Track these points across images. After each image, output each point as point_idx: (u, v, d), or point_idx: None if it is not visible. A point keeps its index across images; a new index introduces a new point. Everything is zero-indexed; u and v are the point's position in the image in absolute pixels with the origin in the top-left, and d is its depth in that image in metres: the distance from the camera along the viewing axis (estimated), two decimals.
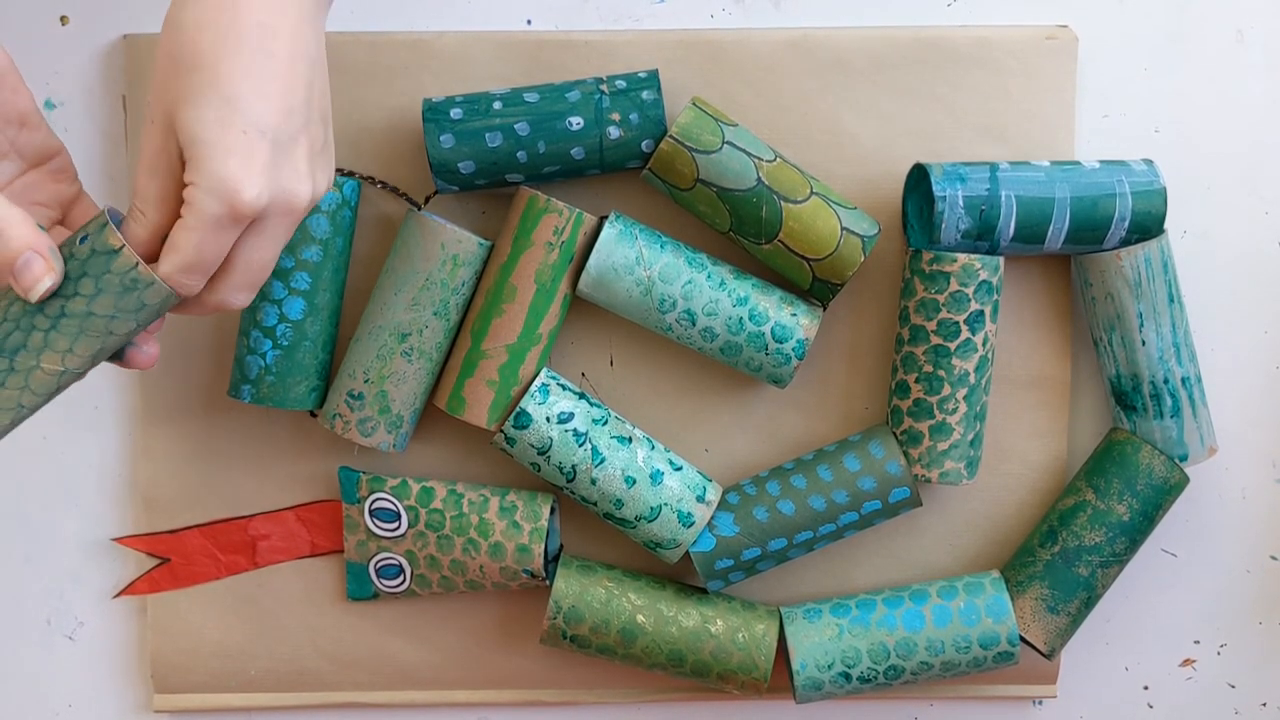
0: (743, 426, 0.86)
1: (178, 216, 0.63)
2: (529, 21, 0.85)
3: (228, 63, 0.62)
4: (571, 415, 0.81)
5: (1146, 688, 0.91)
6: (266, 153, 0.62)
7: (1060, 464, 0.87)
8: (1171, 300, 0.82)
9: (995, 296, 0.81)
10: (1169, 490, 0.83)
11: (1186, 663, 0.91)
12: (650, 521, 0.81)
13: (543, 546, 0.82)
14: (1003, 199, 0.80)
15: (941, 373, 0.81)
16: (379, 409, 0.81)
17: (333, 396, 0.82)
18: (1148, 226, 0.81)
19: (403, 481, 0.84)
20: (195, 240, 0.62)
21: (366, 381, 0.80)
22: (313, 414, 0.84)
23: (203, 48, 0.62)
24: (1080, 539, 0.83)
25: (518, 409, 0.80)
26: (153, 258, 0.65)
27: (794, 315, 0.81)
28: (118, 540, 0.86)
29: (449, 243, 0.79)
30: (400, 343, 0.80)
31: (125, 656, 0.88)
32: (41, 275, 0.63)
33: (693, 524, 0.81)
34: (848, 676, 0.83)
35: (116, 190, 0.84)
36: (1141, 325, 0.82)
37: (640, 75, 0.81)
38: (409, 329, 0.80)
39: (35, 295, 0.63)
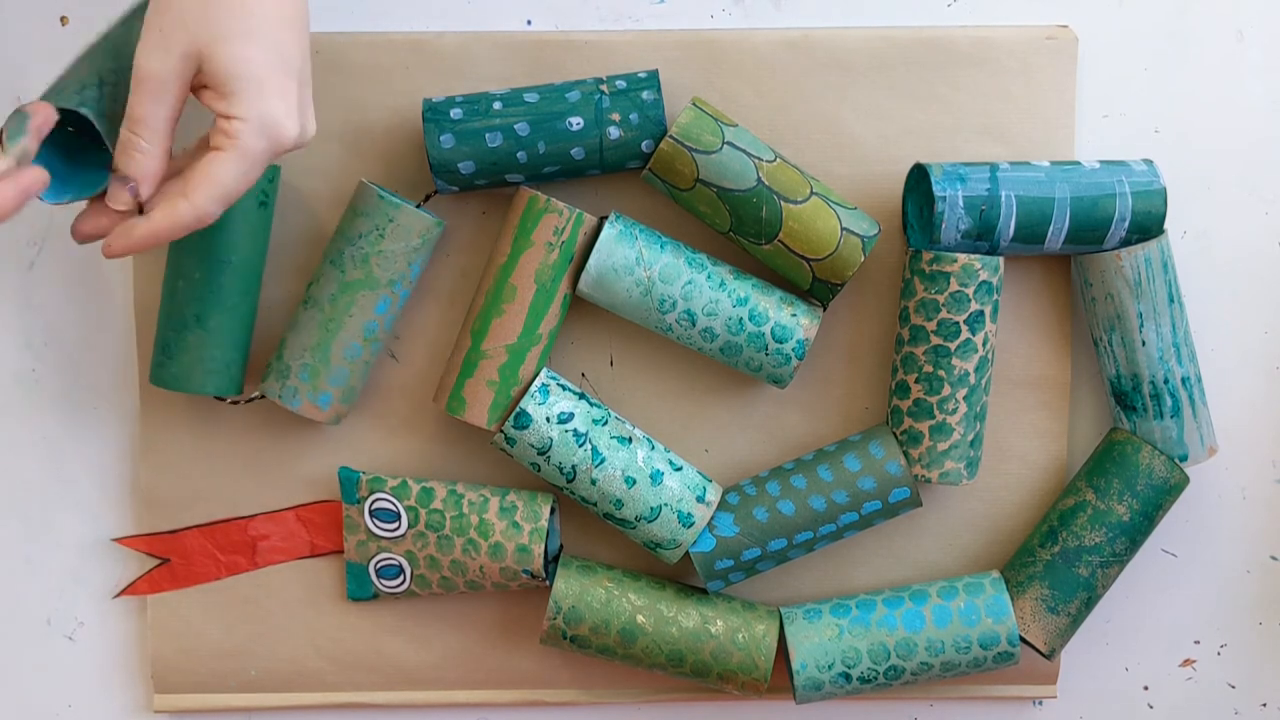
0: (743, 426, 0.86)
1: (171, 137, 0.67)
2: (529, 21, 0.85)
3: (262, 6, 0.66)
4: (571, 415, 0.81)
5: (1146, 688, 0.91)
6: (295, 93, 0.67)
7: (1060, 464, 0.87)
8: (1171, 300, 0.82)
9: (995, 296, 0.81)
10: (1169, 490, 0.83)
11: (1186, 663, 0.91)
12: (650, 522, 0.81)
13: (543, 547, 0.82)
14: (1003, 199, 0.80)
15: (941, 373, 0.81)
16: (279, 359, 0.81)
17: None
18: (1148, 226, 0.81)
19: (403, 482, 0.84)
20: (237, 173, 0.66)
21: (281, 342, 0.82)
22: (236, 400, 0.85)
23: None
24: (1080, 539, 0.83)
25: (518, 409, 0.80)
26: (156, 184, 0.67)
27: (794, 315, 0.81)
28: (118, 540, 0.86)
29: (355, 194, 0.80)
30: (306, 291, 0.82)
31: (125, 656, 0.88)
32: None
33: (693, 524, 0.81)
34: (848, 677, 0.83)
35: None
36: (1141, 325, 0.82)
37: (640, 75, 0.81)
38: (313, 279, 0.81)
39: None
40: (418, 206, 0.82)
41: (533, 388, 0.81)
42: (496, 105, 0.80)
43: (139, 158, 0.67)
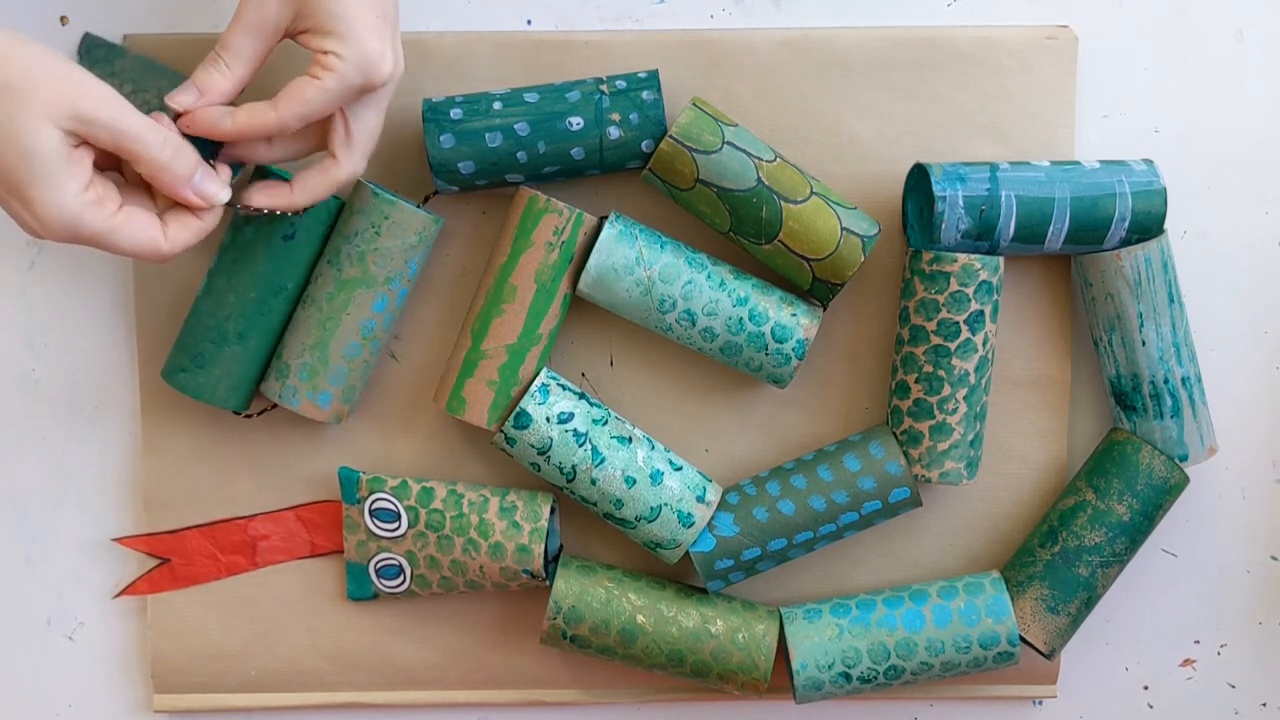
0: (743, 426, 0.86)
1: (253, 74, 0.72)
2: (529, 21, 0.85)
3: None
4: (571, 415, 0.81)
5: (1146, 688, 0.91)
6: (389, 32, 0.71)
7: (1060, 464, 0.87)
8: (1171, 300, 0.82)
9: (995, 296, 0.81)
10: (1169, 490, 0.83)
11: (1186, 663, 0.91)
12: (650, 522, 0.81)
13: (543, 547, 0.82)
14: (1003, 199, 0.80)
15: (941, 373, 0.81)
16: (278, 359, 0.81)
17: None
18: (1148, 226, 0.81)
19: (403, 482, 0.84)
20: (325, 100, 0.71)
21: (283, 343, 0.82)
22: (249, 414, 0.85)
23: None
24: (1080, 539, 0.83)
25: (518, 409, 0.80)
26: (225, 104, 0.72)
27: (794, 315, 0.81)
28: (118, 540, 0.86)
29: (351, 193, 0.81)
30: (304, 291, 0.82)
31: (125, 656, 0.88)
32: (221, 185, 0.72)
33: (693, 524, 0.81)
34: (848, 676, 0.83)
35: None
36: (1141, 325, 0.82)
37: (640, 75, 0.81)
38: (311, 278, 0.81)
39: (221, 201, 0.72)
40: (418, 206, 0.82)
41: (533, 388, 0.81)
42: (496, 105, 0.80)
43: (214, 74, 0.71)
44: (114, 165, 0.72)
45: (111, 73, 0.80)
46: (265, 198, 0.75)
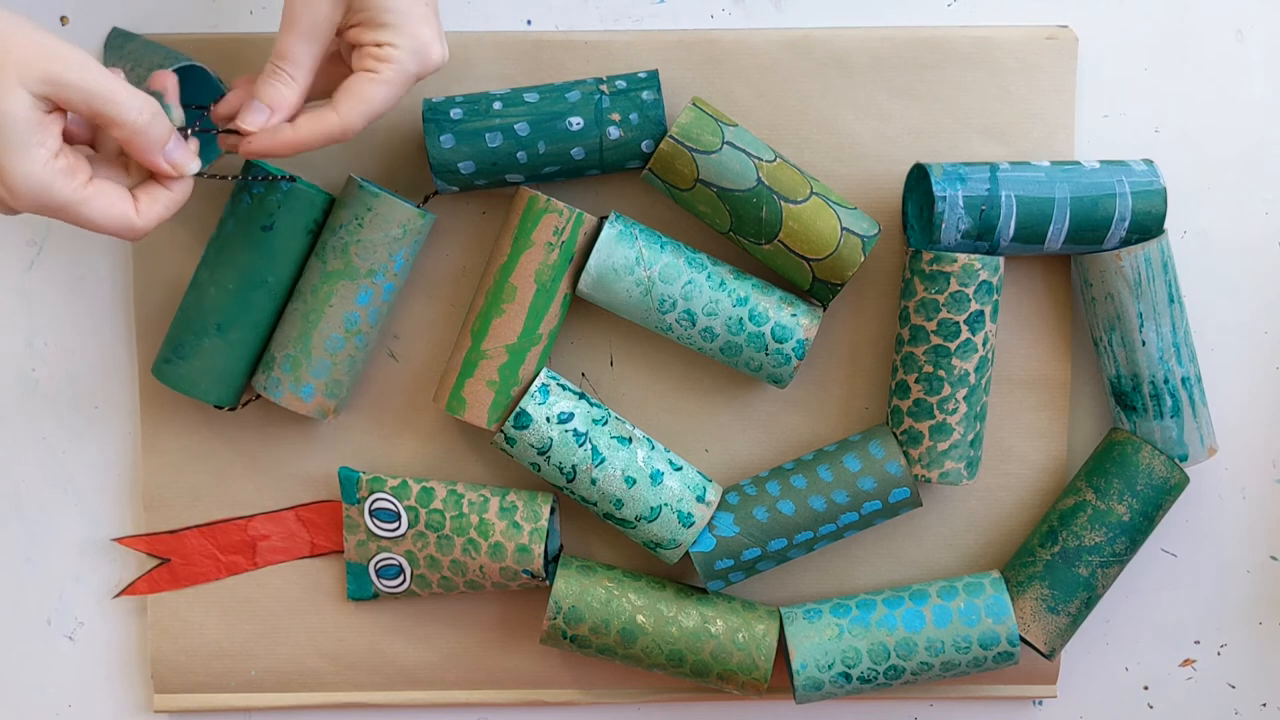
0: (743, 426, 0.86)
1: (312, 80, 0.72)
2: (529, 21, 0.85)
3: None
4: (571, 415, 0.81)
5: (1146, 688, 0.91)
6: (435, 18, 0.72)
7: (1060, 464, 0.87)
8: (1171, 300, 0.82)
9: (995, 296, 0.81)
10: (1169, 490, 0.83)
11: (1186, 663, 0.91)
12: (650, 522, 0.81)
13: (543, 547, 0.82)
14: (1003, 199, 0.80)
15: (941, 373, 0.81)
16: (265, 351, 0.82)
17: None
18: (1148, 226, 0.81)
19: (403, 482, 0.84)
20: (386, 93, 0.71)
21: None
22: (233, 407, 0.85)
23: None
24: (1080, 539, 0.83)
25: (518, 409, 0.80)
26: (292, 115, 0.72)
27: (794, 315, 0.81)
28: (118, 540, 0.86)
29: (343, 188, 0.81)
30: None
31: (125, 656, 0.88)
32: (192, 155, 0.71)
33: (693, 524, 0.81)
34: (848, 676, 0.83)
35: None
36: (1141, 325, 0.82)
37: (640, 75, 0.81)
38: (302, 274, 0.81)
39: (191, 171, 0.71)
40: (418, 207, 0.82)
41: (533, 388, 0.81)
42: (496, 105, 0.80)
43: (281, 88, 0.71)
44: (86, 141, 0.72)
45: (120, 56, 0.80)
46: (260, 134, 0.73)
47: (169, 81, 0.72)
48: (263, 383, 0.81)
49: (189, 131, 0.72)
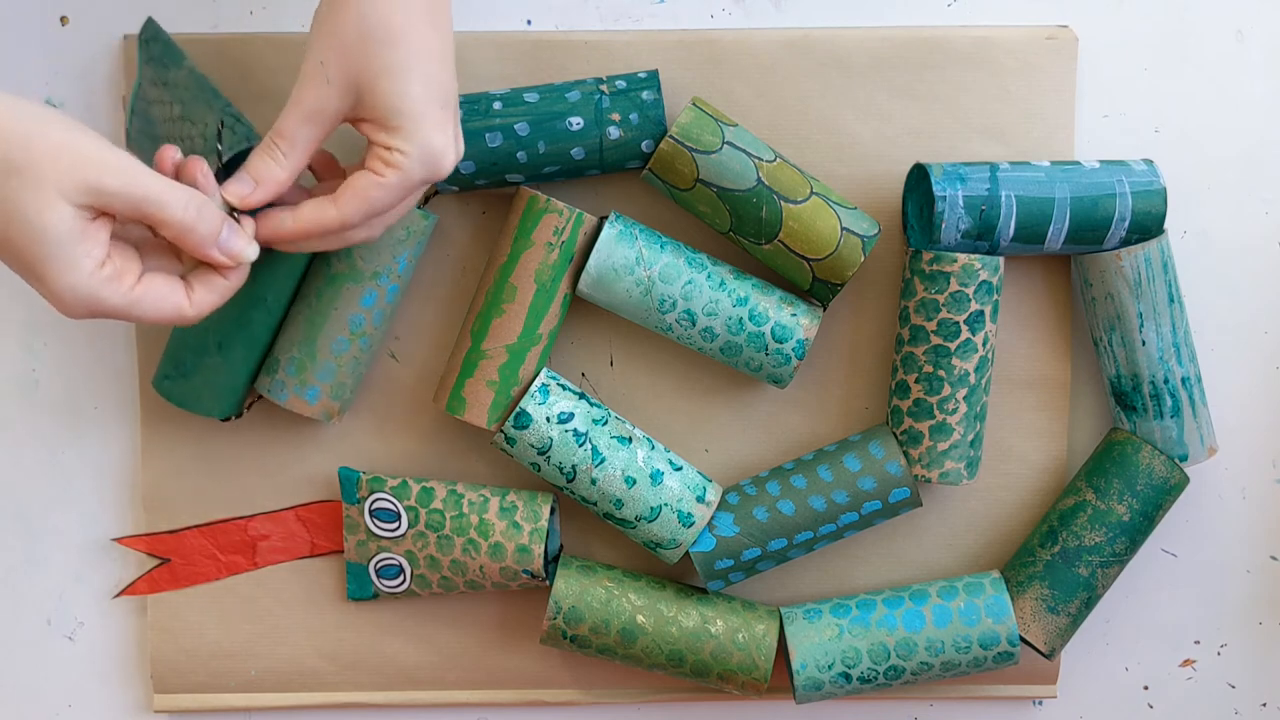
0: (743, 426, 0.86)
1: (308, 161, 0.70)
2: (529, 21, 0.85)
3: (421, 39, 0.67)
4: (571, 415, 0.81)
5: (1146, 688, 0.91)
6: (451, 122, 0.69)
7: (1060, 464, 0.87)
8: (1171, 300, 0.82)
9: (995, 296, 0.81)
10: (1169, 490, 0.83)
11: (1186, 663, 0.91)
12: (650, 522, 0.81)
13: (543, 547, 0.82)
14: (1003, 199, 0.80)
15: (941, 373, 0.81)
16: (269, 354, 0.82)
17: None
18: (1148, 226, 0.81)
19: (403, 482, 0.84)
20: (388, 196, 0.69)
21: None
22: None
23: (397, 24, 0.66)
24: (1080, 539, 0.83)
25: (518, 409, 0.80)
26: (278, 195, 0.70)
27: (794, 315, 0.81)
28: (118, 540, 0.86)
29: None
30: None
31: (125, 656, 0.88)
32: (248, 241, 0.69)
33: (693, 524, 0.81)
34: (848, 677, 0.83)
35: None
36: (1141, 325, 0.82)
37: (640, 75, 0.81)
38: (307, 278, 0.81)
39: (249, 258, 0.69)
40: (420, 208, 0.82)
41: (533, 388, 0.81)
42: (496, 105, 0.80)
43: (271, 165, 0.69)
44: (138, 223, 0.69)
45: (164, 82, 0.78)
46: (263, 223, 0.71)
47: (199, 173, 0.69)
48: (267, 385, 0.81)
49: (239, 214, 0.70)
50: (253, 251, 0.69)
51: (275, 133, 0.69)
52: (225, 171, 0.74)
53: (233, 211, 0.69)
